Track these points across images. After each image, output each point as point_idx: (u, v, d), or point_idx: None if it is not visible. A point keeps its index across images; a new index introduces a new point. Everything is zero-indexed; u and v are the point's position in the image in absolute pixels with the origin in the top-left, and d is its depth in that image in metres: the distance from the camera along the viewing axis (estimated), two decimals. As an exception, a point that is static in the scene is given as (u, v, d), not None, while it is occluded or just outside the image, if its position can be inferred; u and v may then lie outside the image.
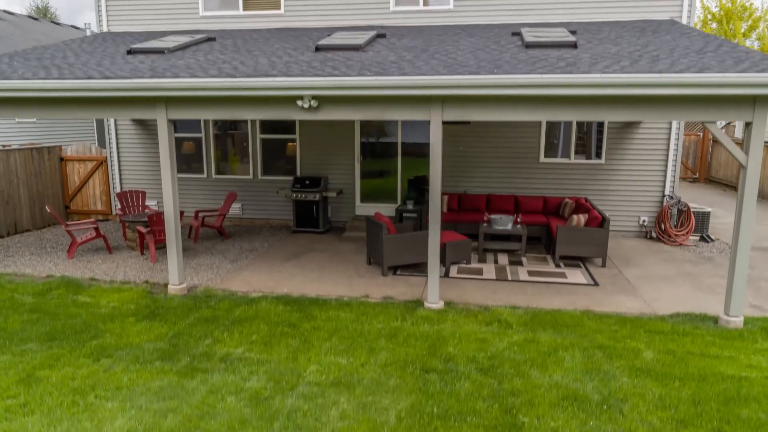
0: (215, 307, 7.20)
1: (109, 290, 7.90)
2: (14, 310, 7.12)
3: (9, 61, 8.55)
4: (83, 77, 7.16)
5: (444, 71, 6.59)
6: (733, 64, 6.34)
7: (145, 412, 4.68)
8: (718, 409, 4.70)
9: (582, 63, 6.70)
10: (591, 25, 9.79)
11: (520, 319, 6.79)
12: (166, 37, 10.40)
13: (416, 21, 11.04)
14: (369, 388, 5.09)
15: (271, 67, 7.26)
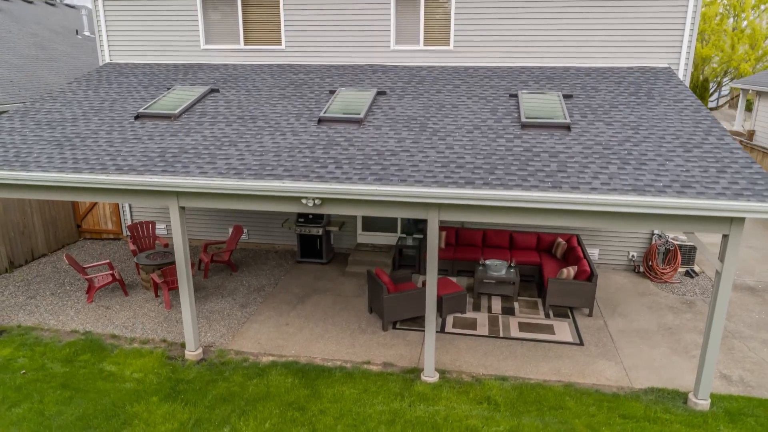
0: (230, 380, 7.88)
1: (131, 353, 8.57)
2: (48, 383, 7.81)
3: (21, 129, 8.84)
4: (98, 169, 7.52)
5: (440, 173, 6.96)
6: (716, 173, 6.70)
7: None
8: None
9: (572, 164, 7.04)
10: (587, 81, 9.90)
11: (507, 397, 7.48)
12: (172, 89, 10.57)
13: (416, 61, 11.13)
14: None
15: (277, 157, 7.59)
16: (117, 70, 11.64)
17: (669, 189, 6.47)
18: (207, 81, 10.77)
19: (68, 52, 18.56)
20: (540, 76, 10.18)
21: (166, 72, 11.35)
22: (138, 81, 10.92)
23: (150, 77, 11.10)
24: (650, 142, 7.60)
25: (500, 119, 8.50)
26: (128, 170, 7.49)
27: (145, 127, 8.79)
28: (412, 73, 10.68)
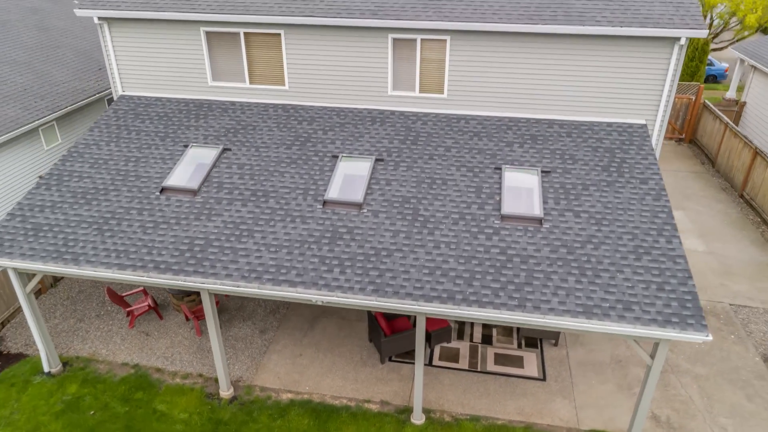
0: (258, 421, 9.87)
1: (176, 390, 10.50)
2: (113, 424, 9.81)
3: (60, 204, 10.06)
4: (139, 266, 8.91)
5: (427, 282, 8.38)
6: (656, 291, 8.10)
7: None
8: None
9: (538, 274, 8.41)
10: (567, 146, 10.76)
11: (478, 440, 9.49)
12: (188, 149, 11.47)
13: (412, 107, 11.89)
14: None
15: (290, 255, 8.93)
16: (131, 108, 12.42)
17: (612, 312, 7.92)
18: (218, 130, 11.66)
19: (68, 30, 18.69)
20: (525, 136, 11.08)
21: (179, 115, 12.16)
22: (154, 129, 11.81)
23: (165, 123, 11.95)
24: (608, 244, 8.87)
25: (483, 205, 9.67)
26: (165, 269, 8.87)
27: (171, 206, 9.99)
28: (408, 124, 11.53)
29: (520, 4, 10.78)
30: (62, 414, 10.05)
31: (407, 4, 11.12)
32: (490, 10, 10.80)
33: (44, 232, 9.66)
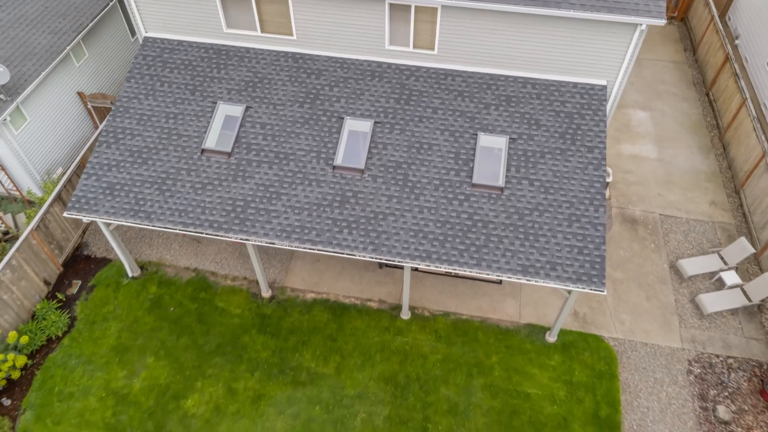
0: (292, 315, 13.83)
1: (229, 291, 14.31)
2: (189, 318, 13.79)
3: (122, 163, 12.63)
4: (197, 224, 11.91)
5: (412, 243, 11.50)
6: (576, 254, 11.25)
7: (285, 415, 12.21)
8: (508, 408, 12.18)
9: (494, 238, 11.47)
10: (535, 110, 12.74)
11: (447, 330, 13.54)
12: (217, 108, 13.41)
13: (406, 61, 13.49)
14: (368, 399, 12.45)
15: (309, 217, 11.86)
16: (158, 54, 14.00)
17: (542, 270, 11.18)
18: (238, 83, 13.50)
19: None
20: (501, 97, 13.01)
21: (201, 64, 13.80)
22: (183, 81, 13.62)
23: (191, 73, 13.68)
24: (550, 212, 11.72)
25: (459, 171, 12.23)
26: (218, 227, 11.91)
27: (212, 167, 12.55)
28: (402, 80, 13.32)
29: (504, -17, 11.82)
30: (150, 310, 14.02)
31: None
32: (478, -14, 11.89)
33: (117, 191, 12.44)
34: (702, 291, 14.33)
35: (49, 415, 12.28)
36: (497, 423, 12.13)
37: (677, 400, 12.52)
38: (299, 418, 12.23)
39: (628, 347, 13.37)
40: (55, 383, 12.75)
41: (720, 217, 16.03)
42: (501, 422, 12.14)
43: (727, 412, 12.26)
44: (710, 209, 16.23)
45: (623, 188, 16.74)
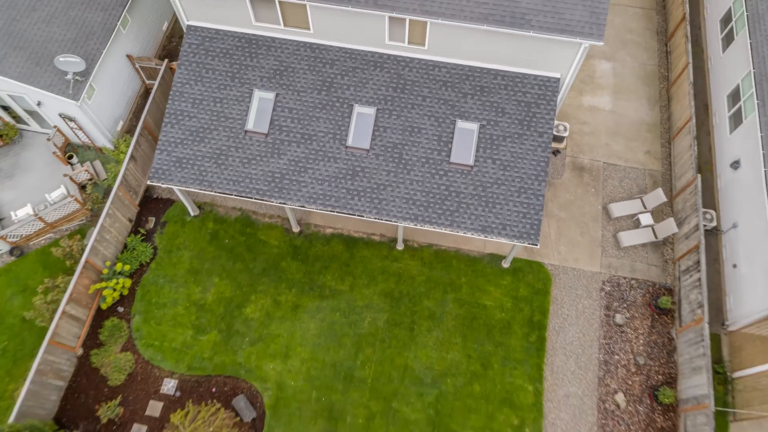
0: (316, 246, 18.69)
1: (268, 227, 19.01)
2: (241, 248, 18.67)
3: (184, 140, 16.59)
4: (246, 192, 16.27)
5: (404, 207, 15.96)
6: (521, 218, 15.78)
7: (315, 319, 17.66)
8: (471, 316, 17.63)
9: (464, 204, 15.88)
10: (502, 99, 16.29)
11: (430, 258, 18.50)
12: (254, 95, 16.89)
13: (402, 53, 16.73)
14: (373, 308, 17.81)
15: (330, 187, 16.14)
16: (200, 42, 17.16)
17: (494, 228, 15.77)
18: (268, 71, 16.89)
19: None
20: (476, 87, 16.52)
21: (237, 52, 17.03)
22: (223, 68, 16.98)
23: (229, 61, 16.99)
24: (506, 185, 15.97)
25: (440, 151, 16.24)
26: (262, 194, 16.27)
27: (254, 145, 16.53)
28: (398, 70, 16.71)
29: (478, 8, 14.80)
30: (211, 241, 18.87)
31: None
32: (458, 7, 14.89)
33: (184, 164, 16.59)
34: (623, 229, 19.05)
35: (152, 318, 17.72)
36: (462, 325, 17.59)
37: (589, 309, 17.87)
38: (325, 321, 17.66)
39: (561, 271, 18.44)
40: (151, 296, 18.03)
41: (651, 165, 20.18)
42: (464, 325, 17.59)
43: (622, 319, 17.67)
44: (645, 158, 20.32)
45: (578, 138, 20.66)
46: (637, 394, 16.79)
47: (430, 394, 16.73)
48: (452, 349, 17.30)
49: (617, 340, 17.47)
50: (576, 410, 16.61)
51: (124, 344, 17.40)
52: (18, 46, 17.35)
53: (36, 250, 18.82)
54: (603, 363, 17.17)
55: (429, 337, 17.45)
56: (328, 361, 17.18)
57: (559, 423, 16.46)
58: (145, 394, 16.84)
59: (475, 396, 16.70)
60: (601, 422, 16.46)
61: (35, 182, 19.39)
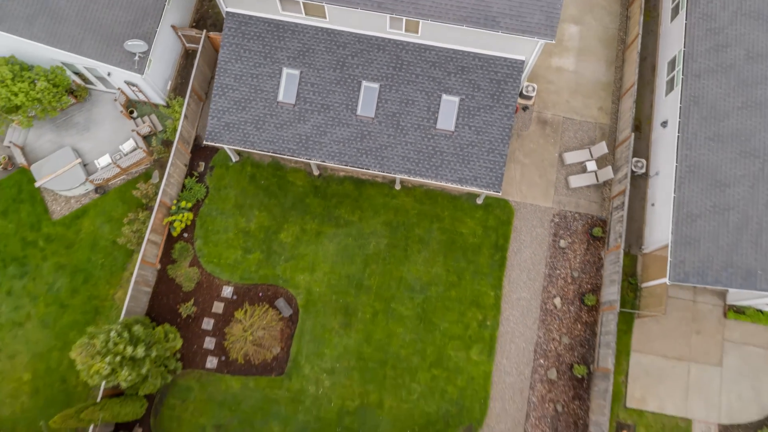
0: (332, 186, 23.99)
1: (294, 171, 24.20)
2: (273, 187, 24.00)
3: (229, 108, 21.33)
4: (280, 151, 21.30)
5: (401, 163, 21.10)
6: (488, 171, 20.98)
7: (333, 243, 23.44)
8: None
9: (447, 161, 20.98)
10: (480, 78, 20.75)
11: (421, 196, 23.90)
12: (282, 72, 21.31)
13: (401, 37, 20.92)
14: (377, 235, 23.51)
15: (345, 146, 21.14)
16: (237, 26, 21.27)
17: (468, 179, 21.02)
18: (293, 51, 21.19)
19: None
20: (459, 67, 20.92)
21: (267, 36, 21.22)
22: (257, 49, 21.27)
23: (261, 43, 21.23)
24: (478, 146, 20.96)
25: (429, 119, 21.03)
26: (293, 152, 21.32)
27: (284, 113, 21.28)
28: (397, 52, 21.01)
29: (459, 11, 18.91)
30: (250, 182, 24.16)
31: (398, 1, 19.07)
32: (444, 10, 19.01)
33: (231, 128, 21.42)
34: (573, 173, 24.25)
35: (210, 242, 23.48)
36: (443, 247, 23.38)
37: (541, 236, 23.56)
38: (340, 244, 23.43)
39: (521, 206, 23.91)
40: (208, 225, 23.66)
41: (602, 119, 24.93)
42: (445, 247, 23.38)
43: (565, 243, 23.42)
44: (597, 113, 25.01)
45: (544, 96, 25.21)
46: (570, 299, 22.96)
47: (419, 297, 22.90)
48: (435, 265, 23.24)
49: (560, 259, 23.35)
50: (524, 309, 22.86)
51: (191, 261, 23.32)
52: (91, 29, 21.50)
53: (114, 189, 24.19)
54: (547, 276, 23.18)
55: (419, 257, 23.33)
56: (343, 273, 23.18)
57: (511, 318, 22.77)
58: (210, 297, 23.03)
59: (451, 299, 22.88)
60: (542, 318, 22.77)
61: (106, 134, 24.30)
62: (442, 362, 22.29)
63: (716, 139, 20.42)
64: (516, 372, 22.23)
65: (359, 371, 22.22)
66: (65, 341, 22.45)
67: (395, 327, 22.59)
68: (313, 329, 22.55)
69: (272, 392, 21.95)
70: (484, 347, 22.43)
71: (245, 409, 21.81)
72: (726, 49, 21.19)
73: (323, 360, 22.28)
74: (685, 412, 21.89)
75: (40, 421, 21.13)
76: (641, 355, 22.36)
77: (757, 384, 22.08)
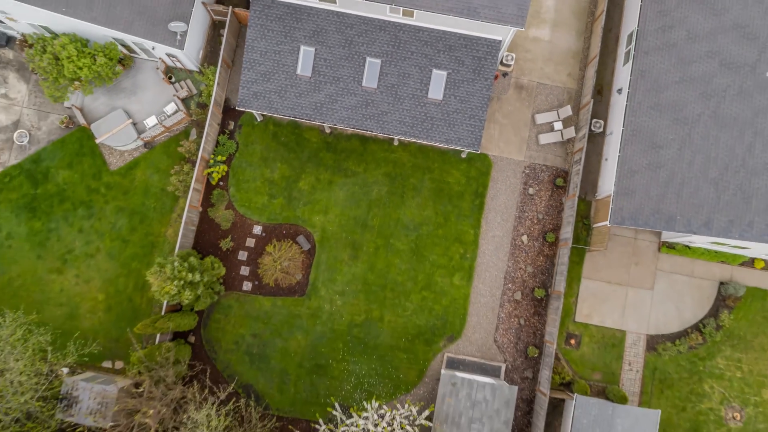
0: (341, 143, 28.75)
1: (310, 129, 28.87)
2: (294, 144, 28.79)
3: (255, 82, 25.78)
4: (298, 116, 25.96)
5: (399, 126, 25.80)
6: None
7: (342, 190, 28.52)
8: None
9: (436, 124, 25.66)
10: (465, 55, 25.01)
11: (415, 150, 28.71)
12: (301, 48, 25.56)
13: (399, 20, 25.00)
14: (378, 183, 28.54)
15: (354, 112, 25.75)
16: (261, 9, 25.28)
17: (453, 140, 25.80)
18: (308, 31, 25.33)
19: None
20: (447, 45, 25.13)
21: (286, 18, 25.27)
22: (277, 29, 25.38)
23: (281, 24, 25.32)
24: (461, 113, 25.56)
25: (422, 89, 25.49)
26: (309, 117, 25.97)
27: (302, 84, 25.71)
28: (395, 32, 25.16)
29: (447, 3, 22.96)
30: (272, 139, 28.90)
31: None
32: (434, 2, 23.07)
33: (259, 96, 25.91)
34: (542, 132, 28.91)
35: (241, 189, 28.56)
36: (433, 194, 28.48)
37: (513, 184, 28.59)
38: (348, 191, 28.51)
39: (499, 160, 28.77)
40: (239, 175, 28.64)
41: (570, 84, 29.29)
42: (435, 194, 28.47)
43: (533, 191, 28.48)
44: (566, 79, 29.32)
45: (522, 64, 29.42)
46: (535, 236, 28.32)
47: (412, 235, 28.26)
48: (426, 209, 28.44)
49: (528, 203, 28.51)
50: (498, 244, 28.27)
51: (226, 205, 28.51)
52: (139, 12, 25.53)
53: (159, 144, 28.97)
54: (517, 217, 28.42)
55: (412, 202, 28.48)
56: (351, 215, 28.41)
57: (487, 252, 28.22)
58: (243, 234, 28.40)
59: (439, 236, 28.25)
60: (512, 251, 28.22)
61: (150, 97, 28.79)
62: (431, 286, 27.98)
63: (656, 108, 25.01)
64: (489, 294, 27.97)
65: (364, 293, 27.95)
66: (129, 269, 28.06)
67: (393, 258, 28.11)
68: (328, 260, 28.08)
69: (296, 309, 27.80)
70: (464, 275, 28.05)
71: (275, 322, 27.72)
72: (671, 29, 25.32)
73: (336, 284, 27.96)
74: (621, 325, 27.79)
75: (126, 329, 27.07)
76: (590, 281, 28.00)
77: (680, 304, 27.87)
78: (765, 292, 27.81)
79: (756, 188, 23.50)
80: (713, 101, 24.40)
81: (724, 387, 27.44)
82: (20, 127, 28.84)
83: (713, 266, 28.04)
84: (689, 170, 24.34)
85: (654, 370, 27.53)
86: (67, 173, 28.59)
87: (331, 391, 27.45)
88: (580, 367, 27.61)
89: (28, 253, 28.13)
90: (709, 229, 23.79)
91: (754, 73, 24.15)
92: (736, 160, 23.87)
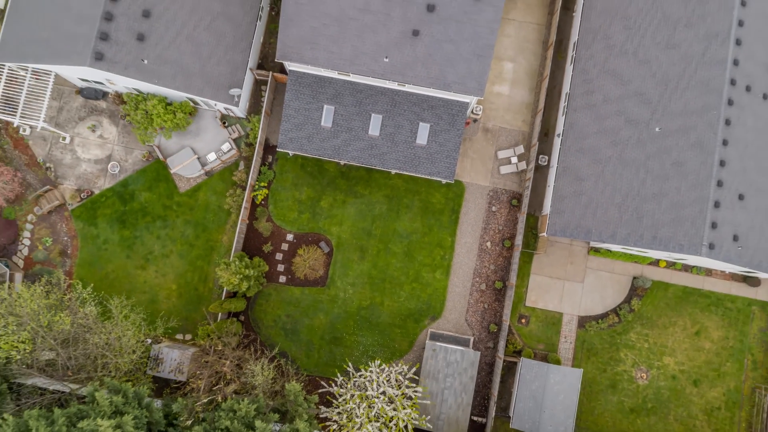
0: (353, 172, 38.47)
1: (328, 161, 38.59)
2: (318, 173, 38.55)
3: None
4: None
5: (395, 163, 35.52)
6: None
7: (353, 208, 38.28)
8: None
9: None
10: (440, 117, 34.69)
11: (407, 178, 38.44)
12: (324, 108, 35.41)
13: (395, 87, 34.65)
14: (380, 203, 38.29)
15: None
16: (296, 79, 35.00)
17: (434, 173, 35.51)
18: (330, 95, 35.01)
19: None
20: (429, 105, 34.83)
21: (315, 85, 35.01)
22: (307, 93, 35.14)
23: (309, 89, 35.04)
24: (440, 153, 35.25)
25: (412, 136, 35.23)
26: (330, 156, 35.73)
27: (325, 132, 35.46)
28: (393, 96, 34.85)
29: (428, 79, 32.63)
30: (300, 169, 38.62)
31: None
32: (419, 78, 32.72)
33: (293, 141, 35.63)
34: (503, 164, 38.61)
35: (278, 207, 38.30)
36: (420, 211, 38.21)
37: (480, 204, 38.31)
38: (358, 208, 38.25)
39: (470, 185, 38.49)
40: (276, 197, 38.40)
41: (524, 128, 38.97)
42: (422, 210, 38.20)
43: (495, 209, 38.24)
44: (521, 124, 39.01)
45: (488, 112, 39.09)
46: (496, 242, 38.07)
47: (405, 241, 38.03)
48: (415, 222, 38.21)
49: (491, 218, 38.24)
50: (468, 248, 38.02)
51: (266, 218, 38.30)
52: (207, 81, 35.27)
53: (216, 173, 38.74)
54: (483, 228, 38.16)
55: (405, 217, 38.24)
56: (360, 227, 38.18)
57: (461, 254, 37.97)
58: (279, 240, 38.19)
59: (424, 243, 38.01)
60: (479, 254, 37.97)
61: (210, 137, 38.57)
62: (419, 279, 37.76)
63: (581, 151, 34.71)
64: (461, 285, 37.76)
65: (369, 284, 37.74)
66: (195, 266, 37.89)
67: (391, 259, 37.88)
68: (342, 260, 37.87)
69: (318, 296, 37.62)
70: (443, 271, 37.83)
71: (303, 306, 37.55)
72: (592, 93, 35.01)
73: (348, 278, 37.76)
74: (560, 308, 37.56)
75: (193, 310, 36.90)
76: (536, 276, 37.77)
77: (603, 293, 37.64)
78: (666, 284, 37.57)
79: (646, 211, 33.16)
80: (619, 147, 34.07)
81: (635, 354, 37.19)
82: (112, 159, 38.63)
83: (628, 265, 37.78)
84: (602, 197, 34.03)
85: (583, 342, 37.30)
86: (147, 194, 38.39)
87: (345, 356, 37.28)
88: (528, 339, 37.40)
89: (119, 254, 37.97)
90: (614, 239, 33.47)
91: (647, 128, 33.79)
92: (633, 191, 33.54)
